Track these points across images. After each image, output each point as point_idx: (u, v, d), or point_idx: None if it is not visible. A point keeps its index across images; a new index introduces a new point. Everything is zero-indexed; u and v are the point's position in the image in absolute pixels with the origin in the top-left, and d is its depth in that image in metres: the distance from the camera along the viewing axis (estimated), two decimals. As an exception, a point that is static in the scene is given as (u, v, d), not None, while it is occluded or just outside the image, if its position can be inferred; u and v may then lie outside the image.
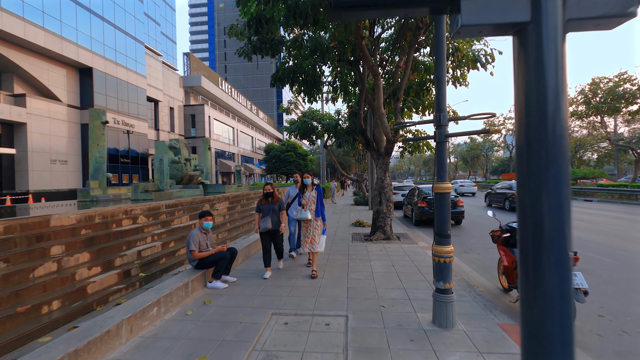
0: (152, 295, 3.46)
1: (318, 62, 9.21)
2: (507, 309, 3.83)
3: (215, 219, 7.88)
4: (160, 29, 31.77)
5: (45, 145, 18.10)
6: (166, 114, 31.18)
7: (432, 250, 3.32)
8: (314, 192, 5.05)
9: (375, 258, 6.10)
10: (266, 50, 7.92)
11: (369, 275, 4.98)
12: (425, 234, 9.17)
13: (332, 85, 10.79)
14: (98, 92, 20.99)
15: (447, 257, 3.21)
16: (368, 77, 9.53)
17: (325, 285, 4.55)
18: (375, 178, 8.83)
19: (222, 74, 72.97)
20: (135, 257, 4.68)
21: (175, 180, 10.56)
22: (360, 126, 8.74)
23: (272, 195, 4.98)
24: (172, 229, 6.01)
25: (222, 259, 4.46)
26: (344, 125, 16.79)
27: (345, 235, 8.60)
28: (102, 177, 8.49)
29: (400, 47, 9.08)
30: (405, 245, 7.26)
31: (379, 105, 7.67)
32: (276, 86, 9.07)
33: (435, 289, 3.28)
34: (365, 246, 7.20)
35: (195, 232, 4.49)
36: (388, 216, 8.02)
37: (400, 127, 6.30)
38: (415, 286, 4.47)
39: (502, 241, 4.45)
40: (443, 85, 3.23)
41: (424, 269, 5.32)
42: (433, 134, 3.25)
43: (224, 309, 3.74)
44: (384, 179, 8.09)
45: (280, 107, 18.59)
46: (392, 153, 8.30)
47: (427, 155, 76.12)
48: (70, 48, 19.07)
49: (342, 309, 3.73)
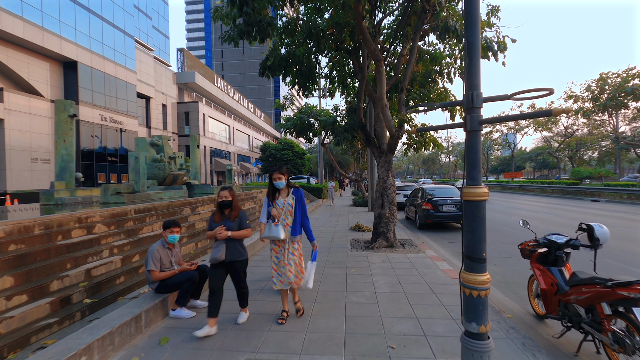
0: (83, 339, 2.56)
1: (313, 51, 8.31)
2: (552, 349, 2.96)
3: (197, 225, 6.98)
4: (151, 23, 30.68)
5: (25, 142, 17.08)
6: (158, 111, 30.15)
7: (461, 279, 2.44)
8: (290, 197, 3.44)
9: (378, 272, 5.22)
10: (254, 35, 7.00)
11: (371, 298, 4.10)
12: (431, 240, 8.30)
13: (329, 77, 9.88)
14: (83, 87, 19.97)
15: (482, 289, 2.33)
16: (369, 68, 8.65)
17: (317, 313, 3.66)
18: (377, 178, 7.96)
19: (219, 72, 71.92)
20: (83, 278, 3.78)
21: (157, 180, 9.63)
22: (360, 120, 7.85)
23: (231, 207, 3.32)
24: (139, 238, 5.10)
25: (188, 281, 3.56)
26: (342, 122, 15.92)
27: (343, 242, 7.72)
28: (69, 178, 7.57)
29: (404, 34, 8.21)
30: (412, 254, 6.39)
31: (381, 96, 6.79)
32: (266, 76, 8.15)
33: (465, 331, 2.40)
34: (366, 256, 6.32)
35: (156, 246, 3.59)
36: (391, 221, 7.15)
37: (414, 110, 5.29)
38: (430, 314, 3.59)
39: (538, 257, 3.58)
40: (476, 52, 2.34)
41: (437, 287, 4.44)
42: (463, 120, 2.36)
43: (183, 353, 2.84)
44: (387, 179, 7.21)
45: (275, 103, 17.66)
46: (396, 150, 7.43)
47: (425, 154, 75.62)
48: (52, 40, 18.04)
49: (339, 350, 2.84)
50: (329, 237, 8.45)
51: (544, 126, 35.16)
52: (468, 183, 2.40)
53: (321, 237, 8.47)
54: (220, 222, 3.29)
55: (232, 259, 3.25)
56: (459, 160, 65.99)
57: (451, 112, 9.17)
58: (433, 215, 9.70)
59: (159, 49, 33.97)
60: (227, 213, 3.32)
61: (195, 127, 33.42)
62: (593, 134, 34.28)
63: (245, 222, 3.35)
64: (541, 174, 64.24)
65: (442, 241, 8.31)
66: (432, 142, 7.69)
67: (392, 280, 4.78)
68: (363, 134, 7.85)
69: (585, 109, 23.51)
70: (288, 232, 3.41)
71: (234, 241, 3.28)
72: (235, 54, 72.55)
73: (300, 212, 3.44)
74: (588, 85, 23.18)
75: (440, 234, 9.39)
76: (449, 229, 10.28)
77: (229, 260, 3.23)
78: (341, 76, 9.92)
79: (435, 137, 7.80)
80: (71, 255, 3.92)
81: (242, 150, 47.25)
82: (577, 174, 26.23)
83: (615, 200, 19.04)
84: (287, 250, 3.41)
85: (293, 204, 3.44)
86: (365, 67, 7.82)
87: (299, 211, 3.43)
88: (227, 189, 3.33)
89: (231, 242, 3.25)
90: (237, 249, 3.29)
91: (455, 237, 8.92)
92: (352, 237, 8.42)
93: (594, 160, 40.96)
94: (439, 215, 9.67)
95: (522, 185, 30.59)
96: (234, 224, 3.29)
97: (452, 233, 9.51)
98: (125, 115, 23.57)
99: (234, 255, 3.26)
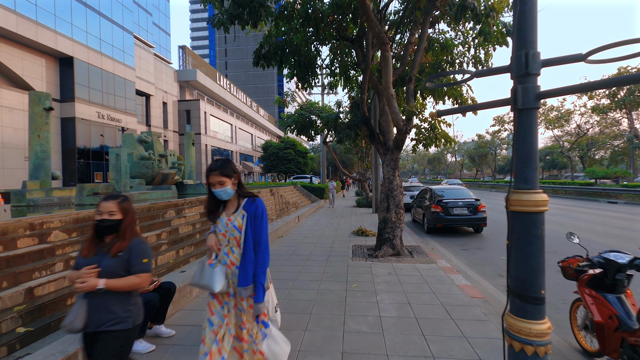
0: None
1: (312, 39, 7.57)
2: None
3: (182, 229, 6.28)
4: (152, 19, 30.14)
5: (19, 140, 16.60)
6: (159, 109, 29.64)
7: (505, 325, 1.68)
8: (239, 214, 1.98)
9: (384, 288, 4.46)
10: (245, 19, 6.27)
11: (375, 325, 3.35)
12: (442, 247, 7.52)
13: (330, 68, 9.14)
14: (80, 83, 19.46)
15: (541, 344, 1.57)
16: (373, 60, 7.89)
17: (308, 347, 2.92)
18: (381, 178, 7.21)
19: (223, 71, 71.54)
20: (21, 299, 3.09)
21: (145, 179, 8.97)
22: (364, 113, 7.10)
23: (116, 231, 1.84)
24: (106, 247, 4.40)
25: (145, 306, 2.84)
26: (345, 119, 15.16)
27: (344, 249, 6.98)
28: (44, 176, 6.93)
29: (412, 20, 7.44)
30: (421, 265, 5.62)
31: (387, 85, 6.03)
32: (261, 66, 7.43)
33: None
34: (370, 266, 5.57)
35: (107, 262, 2.87)
36: (398, 226, 6.39)
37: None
38: (450, 351, 2.82)
39: (589, 280, 2.81)
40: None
41: (455, 310, 3.68)
42: (511, 95, 1.61)
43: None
44: (393, 179, 6.45)
45: (275, 100, 16.96)
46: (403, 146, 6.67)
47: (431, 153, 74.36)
48: (47, 35, 17.53)
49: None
50: (328, 242, 7.72)
51: (555, 124, 33.97)
52: (518, 186, 1.64)
53: (320, 242, 7.74)
54: (92, 258, 1.77)
55: (96, 327, 1.73)
56: (465, 160, 64.77)
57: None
58: (443, 218, 8.90)
59: (160, 46, 33.49)
60: (109, 242, 1.82)
61: (197, 125, 32.89)
62: (605, 133, 33.04)
63: (139, 261, 1.82)
64: (550, 174, 62.79)
65: (454, 248, 7.52)
66: (444, 137, 6.91)
67: (400, 300, 4.02)
68: (367, 129, 7.10)
69: (602, 105, 22.42)
70: (232, 278, 1.93)
71: (109, 296, 1.74)
72: (239, 52, 72.13)
73: (252, 238, 1.93)
74: (605, 81, 22.09)
75: (451, 239, 8.60)
76: (460, 233, 9.48)
77: (91, 330, 1.74)
78: (343, 68, 9.17)
79: (446, 133, 7.02)
80: (10, 271, 3.23)
81: (244, 149, 46.71)
82: (592, 174, 25.12)
83: (634, 202, 18.01)
84: (232, 314, 1.96)
85: (243, 225, 1.94)
86: (369, 55, 7.06)
87: (249, 238, 1.93)
88: (114, 199, 1.84)
89: (101, 297, 1.73)
90: (109, 310, 1.75)
91: (468, 243, 8.12)
92: (355, 242, 7.68)
93: (606, 160, 39.60)
94: (450, 218, 8.87)
95: (532, 186, 29.41)
96: (115, 263, 1.77)
97: (464, 238, 8.71)
98: (124, 113, 23.05)
99: (101, 321, 1.73)
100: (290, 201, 14.80)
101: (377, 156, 13.87)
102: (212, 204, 2.03)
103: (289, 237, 8.47)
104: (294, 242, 7.86)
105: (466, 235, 9.20)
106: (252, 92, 69.02)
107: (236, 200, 2.02)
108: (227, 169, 1.95)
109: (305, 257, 6.32)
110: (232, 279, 1.95)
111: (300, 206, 15.58)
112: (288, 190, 16.57)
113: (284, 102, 16.91)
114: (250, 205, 1.99)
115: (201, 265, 1.97)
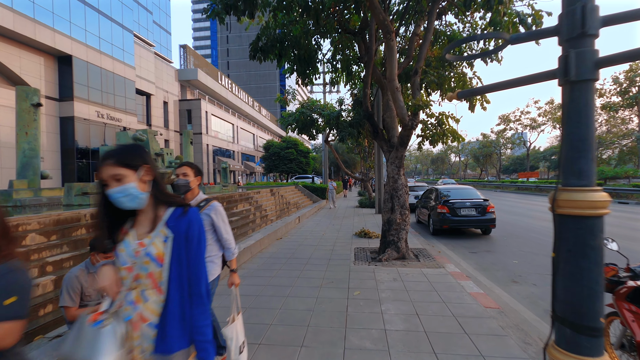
0: None
1: (312, 31, 7.22)
2: None
3: (175, 231, 5.94)
4: (152, 18, 29.91)
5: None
6: (160, 109, 29.43)
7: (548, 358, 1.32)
8: (158, 234, 1.17)
9: (389, 296, 4.09)
10: (241, 9, 5.93)
11: (380, 339, 2.98)
12: (449, 250, 7.14)
13: (331, 62, 8.77)
14: (78, 82, 19.23)
15: (599, 388, 1.21)
16: (376, 54, 7.51)
17: (303, 368, 2.57)
18: (385, 176, 6.83)
19: (225, 71, 71.46)
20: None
21: (139, 179, 8.63)
22: (367, 109, 6.74)
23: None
24: (88, 251, 4.07)
25: None
26: (347, 117, 14.79)
27: (346, 252, 6.61)
28: (33, 176, 6.62)
29: (418, 11, 7.07)
30: (428, 270, 5.24)
31: (391, 77, 5.65)
32: (257, 59, 7.09)
33: None
34: (373, 271, 5.20)
35: (76, 271, 2.52)
36: (403, 228, 6.01)
37: (456, 58, 4.00)
38: (466, 374, 2.45)
39: (630, 294, 2.42)
40: None
41: (469, 323, 3.30)
42: (559, 63, 1.24)
43: None
44: (398, 178, 6.08)
45: (277, 98, 16.62)
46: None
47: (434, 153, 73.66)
48: (45, 33, 17.32)
49: None
50: (329, 245, 7.35)
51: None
52: (568, 181, 1.27)
53: (321, 245, 7.38)
54: None
55: None
56: (469, 160, 64.14)
57: (470, 102, 7.95)
58: (450, 219, 8.50)
59: (160, 45, 33.27)
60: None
61: (198, 125, 32.65)
62: (612, 132, 32.39)
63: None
64: (556, 174, 62.04)
65: (461, 251, 7.13)
66: (452, 133, 6.53)
67: (406, 310, 3.65)
68: (370, 125, 6.73)
69: (612, 103, 21.86)
70: (142, 343, 1.15)
71: None
72: (241, 52, 71.95)
73: (180, 277, 1.17)
74: (616, 78, 21.51)
75: (458, 241, 8.20)
76: (467, 235, 9.07)
77: None
78: (345, 63, 8.80)
79: (454, 129, 6.63)
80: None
81: (246, 149, 46.46)
82: (601, 174, 24.54)
83: (645, 202, 17.47)
84: None
85: (165, 254, 1.16)
86: (372, 47, 6.69)
87: (175, 275, 1.16)
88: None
89: None
90: None
91: (476, 245, 7.72)
92: (357, 244, 7.31)
93: (614, 160, 38.90)
94: (457, 220, 8.47)
95: (538, 186, 28.96)
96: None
97: (472, 240, 8.31)
98: (124, 112, 22.82)
99: None
100: (291, 201, 14.45)
101: (380, 154, 13.49)
102: (106, 219, 1.17)
103: (288, 239, 8.12)
104: (293, 244, 7.51)
105: (474, 237, 8.79)
106: (254, 92, 68.83)
107: (152, 212, 1.20)
108: (130, 156, 1.15)
109: (304, 260, 5.96)
110: (142, 343, 1.14)
111: (301, 206, 15.23)
112: (289, 190, 16.22)
113: (285, 101, 16.57)
114: (179, 219, 1.19)
115: (79, 322, 1.10)
